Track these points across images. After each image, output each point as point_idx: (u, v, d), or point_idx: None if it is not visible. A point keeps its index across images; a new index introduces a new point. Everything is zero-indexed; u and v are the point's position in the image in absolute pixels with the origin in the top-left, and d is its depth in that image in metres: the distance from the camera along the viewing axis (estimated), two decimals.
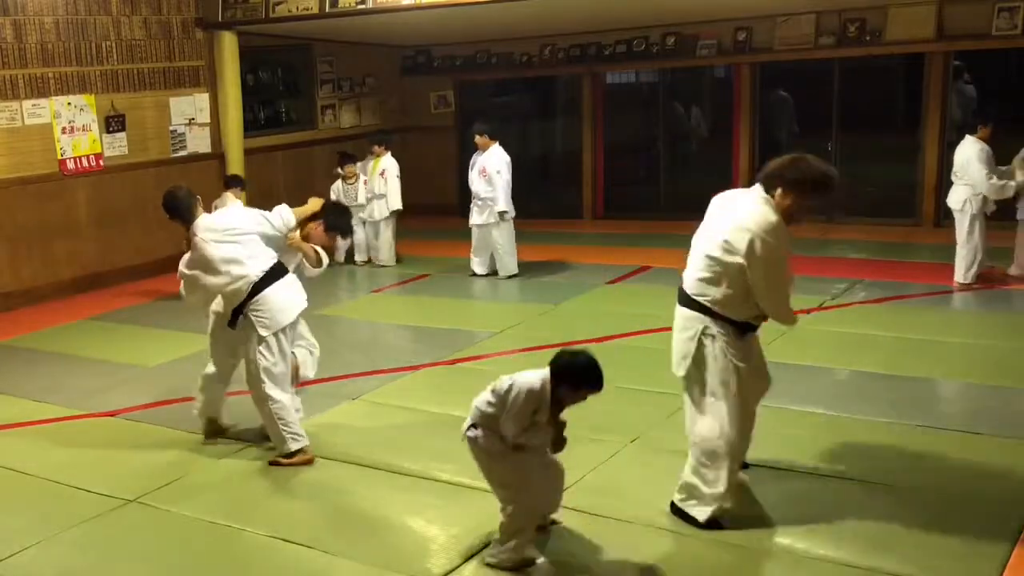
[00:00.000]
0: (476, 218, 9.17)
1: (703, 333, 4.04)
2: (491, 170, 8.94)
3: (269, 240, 5.23)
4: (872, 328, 7.07)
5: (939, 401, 5.55)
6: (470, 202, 9.29)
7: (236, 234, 5.05)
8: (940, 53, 10.06)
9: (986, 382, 5.78)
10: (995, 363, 6.11)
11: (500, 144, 9.09)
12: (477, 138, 9.13)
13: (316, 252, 5.45)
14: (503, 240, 9.08)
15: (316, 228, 5.45)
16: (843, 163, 10.98)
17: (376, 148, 10.04)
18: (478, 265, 9.29)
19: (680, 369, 4.16)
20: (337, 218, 5.58)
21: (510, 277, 9.07)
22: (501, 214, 8.95)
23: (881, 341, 6.70)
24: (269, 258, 5.09)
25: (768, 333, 6.78)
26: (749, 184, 4.38)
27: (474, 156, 9.28)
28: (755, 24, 10.76)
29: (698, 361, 4.08)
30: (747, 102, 11.24)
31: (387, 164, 9.93)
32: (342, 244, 5.67)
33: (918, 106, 10.29)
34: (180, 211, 5.16)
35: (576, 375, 3.72)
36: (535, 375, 3.74)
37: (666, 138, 12.12)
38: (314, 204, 5.55)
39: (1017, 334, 6.68)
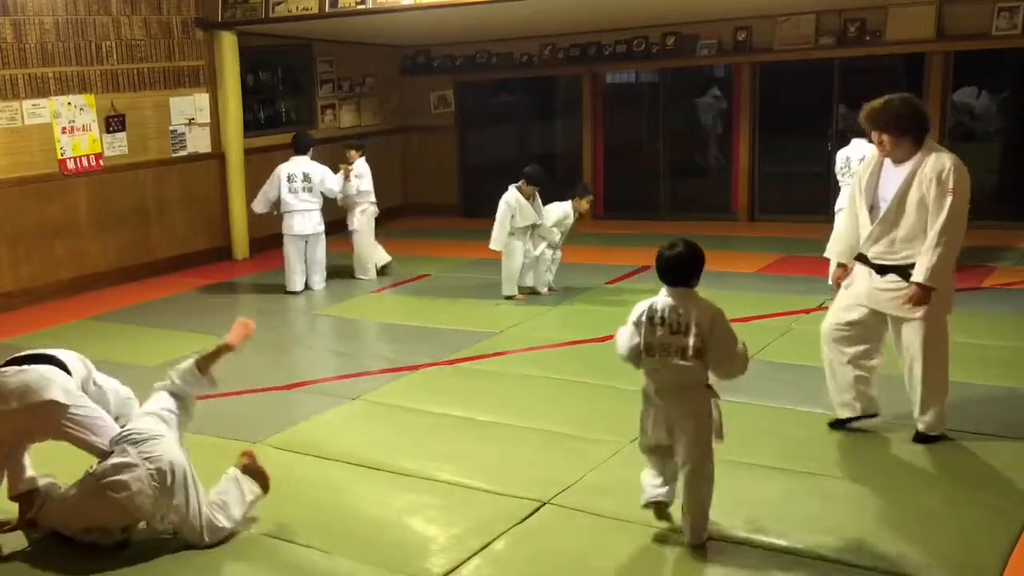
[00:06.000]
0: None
1: None
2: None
3: None
4: None
5: None
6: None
7: None
8: (940, 53, 10.06)
9: (987, 382, 5.78)
10: (996, 363, 6.10)
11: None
12: (353, 152, 9.22)
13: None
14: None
15: None
16: None
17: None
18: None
19: None
20: None
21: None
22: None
23: None
24: None
25: (768, 333, 6.84)
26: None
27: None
28: (755, 24, 10.76)
29: None
30: (747, 102, 11.24)
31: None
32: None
33: None
34: None
35: None
36: None
37: (666, 138, 12.14)
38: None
39: (1019, 333, 6.67)
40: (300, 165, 8.97)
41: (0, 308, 8.59)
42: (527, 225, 8.19)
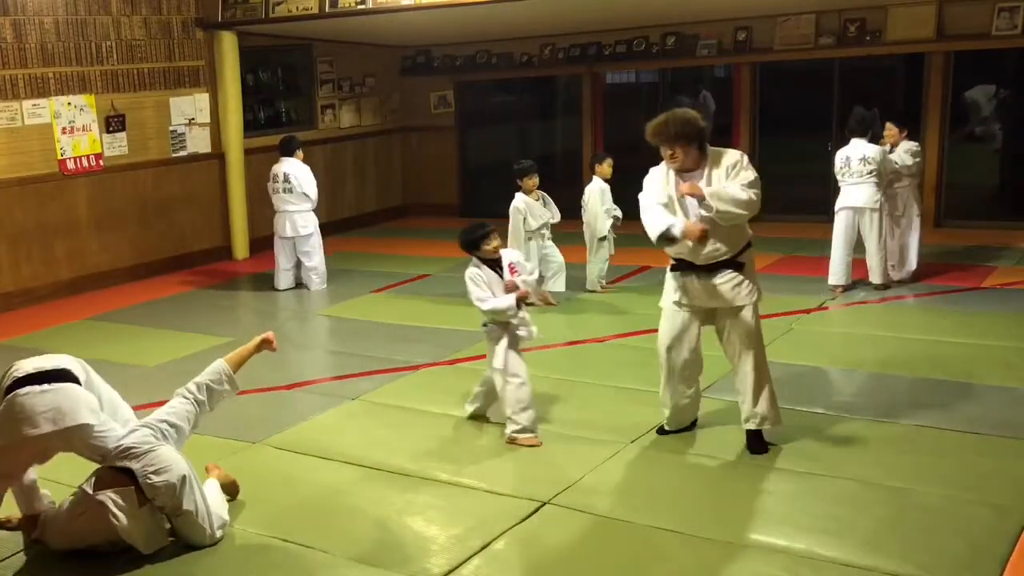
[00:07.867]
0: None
1: None
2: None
3: None
4: (872, 328, 7.07)
5: (939, 401, 5.54)
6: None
7: None
8: (940, 53, 10.06)
9: (985, 382, 5.78)
10: (995, 362, 6.11)
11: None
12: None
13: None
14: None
15: None
16: None
17: None
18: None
19: None
20: None
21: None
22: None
23: (881, 341, 6.70)
24: None
25: (768, 333, 6.81)
26: None
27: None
28: (755, 24, 10.76)
29: None
30: (747, 102, 11.24)
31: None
32: None
33: (918, 106, 10.29)
34: None
35: None
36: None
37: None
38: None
39: (1019, 333, 6.67)
40: (283, 165, 9.01)
41: (0, 308, 8.60)
42: (541, 225, 8.11)
